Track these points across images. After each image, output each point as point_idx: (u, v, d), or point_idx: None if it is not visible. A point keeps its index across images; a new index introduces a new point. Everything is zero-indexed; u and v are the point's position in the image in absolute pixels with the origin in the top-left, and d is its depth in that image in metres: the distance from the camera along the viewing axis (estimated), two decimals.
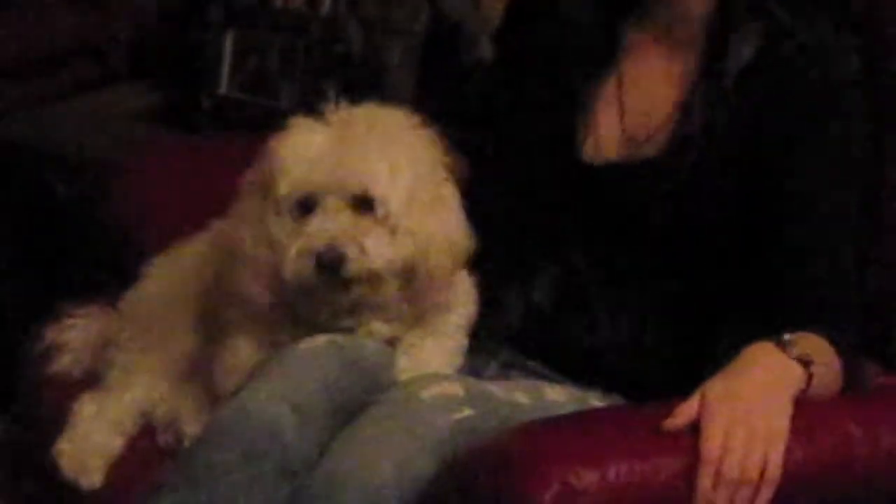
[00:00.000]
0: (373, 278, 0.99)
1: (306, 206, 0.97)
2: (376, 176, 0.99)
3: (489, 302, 1.10)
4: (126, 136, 1.81)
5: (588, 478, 0.86)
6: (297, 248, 0.97)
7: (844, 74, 1.03)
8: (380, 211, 0.97)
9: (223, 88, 1.85)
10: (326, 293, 1.00)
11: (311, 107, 1.04)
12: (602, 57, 1.13)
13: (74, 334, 1.23)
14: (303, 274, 0.97)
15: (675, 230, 1.05)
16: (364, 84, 1.77)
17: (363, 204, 0.97)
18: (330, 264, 0.96)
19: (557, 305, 1.11)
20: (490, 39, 1.63)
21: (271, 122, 1.07)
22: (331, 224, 0.97)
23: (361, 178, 0.97)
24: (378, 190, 0.97)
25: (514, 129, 1.19)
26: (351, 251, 0.96)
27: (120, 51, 1.97)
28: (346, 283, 0.98)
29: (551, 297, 1.12)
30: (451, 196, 1.04)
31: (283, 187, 0.97)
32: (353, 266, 0.96)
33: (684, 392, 0.89)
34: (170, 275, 1.18)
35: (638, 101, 1.09)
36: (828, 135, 1.01)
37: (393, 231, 0.98)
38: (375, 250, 0.97)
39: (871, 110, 1.08)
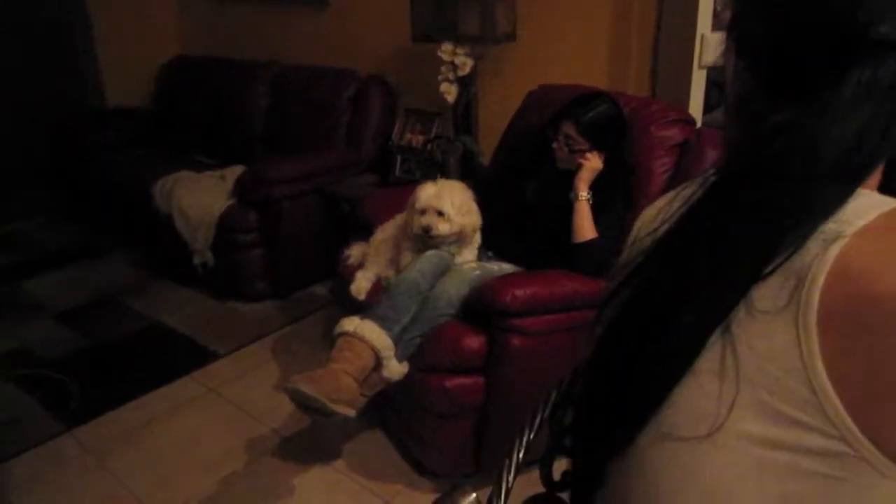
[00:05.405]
0: (441, 237, 1.99)
1: (422, 211, 1.99)
2: (444, 205, 2.00)
3: (487, 239, 2.19)
4: (366, 188, 2.87)
5: (521, 293, 1.78)
6: (419, 224, 1.98)
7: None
8: (445, 215, 1.99)
9: (397, 174, 2.86)
10: (425, 239, 2.01)
11: (426, 178, 2.17)
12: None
13: (353, 251, 2.29)
14: (418, 232, 2.00)
15: (553, 230, 1.97)
16: (442, 172, 2.76)
17: (439, 213, 1.99)
18: (426, 231, 1.98)
19: (508, 243, 2.17)
20: (482, 157, 2.56)
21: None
22: (429, 218, 1.98)
23: (439, 205, 1.99)
24: (444, 209, 1.99)
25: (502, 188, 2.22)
26: (434, 228, 1.97)
27: (365, 164, 3.14)
28: (432, 237, 2.00)
29: (506, 240, 2.18)
30: (475, 208, 2.08)
31: (418, 205, 2.00)
32: (433, 232, 1.98)
33: (545, 267, 1.93)
34: (383, 232, 2.22)
35: None
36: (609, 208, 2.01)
37: (449, 222, 2.00)
38: (442, 228, 1.98)
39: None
